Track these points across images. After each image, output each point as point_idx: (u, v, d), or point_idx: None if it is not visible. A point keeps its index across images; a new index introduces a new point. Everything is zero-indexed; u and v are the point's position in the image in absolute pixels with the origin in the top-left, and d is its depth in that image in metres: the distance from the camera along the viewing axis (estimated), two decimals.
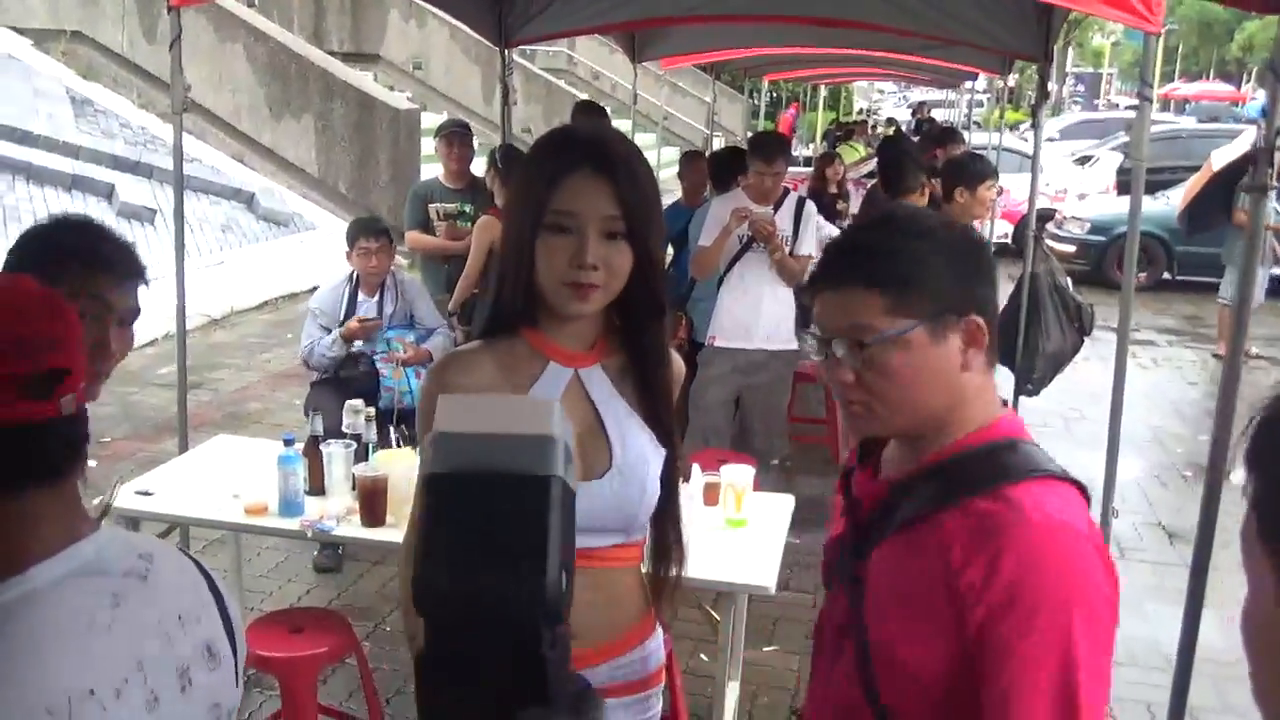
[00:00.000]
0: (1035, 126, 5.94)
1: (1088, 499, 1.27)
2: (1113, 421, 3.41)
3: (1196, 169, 10.48)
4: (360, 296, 4.49)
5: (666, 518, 1.70)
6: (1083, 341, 6.22)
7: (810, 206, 4.74)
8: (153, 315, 1.41)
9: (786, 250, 4.54)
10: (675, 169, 6.61)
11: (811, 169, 8.57)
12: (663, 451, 1.65)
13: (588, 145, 1.52)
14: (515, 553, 0.62)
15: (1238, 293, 2.43)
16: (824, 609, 1.50)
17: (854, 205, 8.90)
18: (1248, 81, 45.14)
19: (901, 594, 1.27)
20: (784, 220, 4.60)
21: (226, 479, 3.37)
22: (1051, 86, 5.81)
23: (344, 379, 4.40)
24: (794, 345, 4.79)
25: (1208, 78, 43.12)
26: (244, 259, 9.97)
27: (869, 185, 10.74)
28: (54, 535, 1.07)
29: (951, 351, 1.28)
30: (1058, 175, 13.98)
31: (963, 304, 1.28)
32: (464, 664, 0.63)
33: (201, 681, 1.15)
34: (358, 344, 4.43)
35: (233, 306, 9.07)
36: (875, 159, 13.61)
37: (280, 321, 8.82)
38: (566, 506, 0.64)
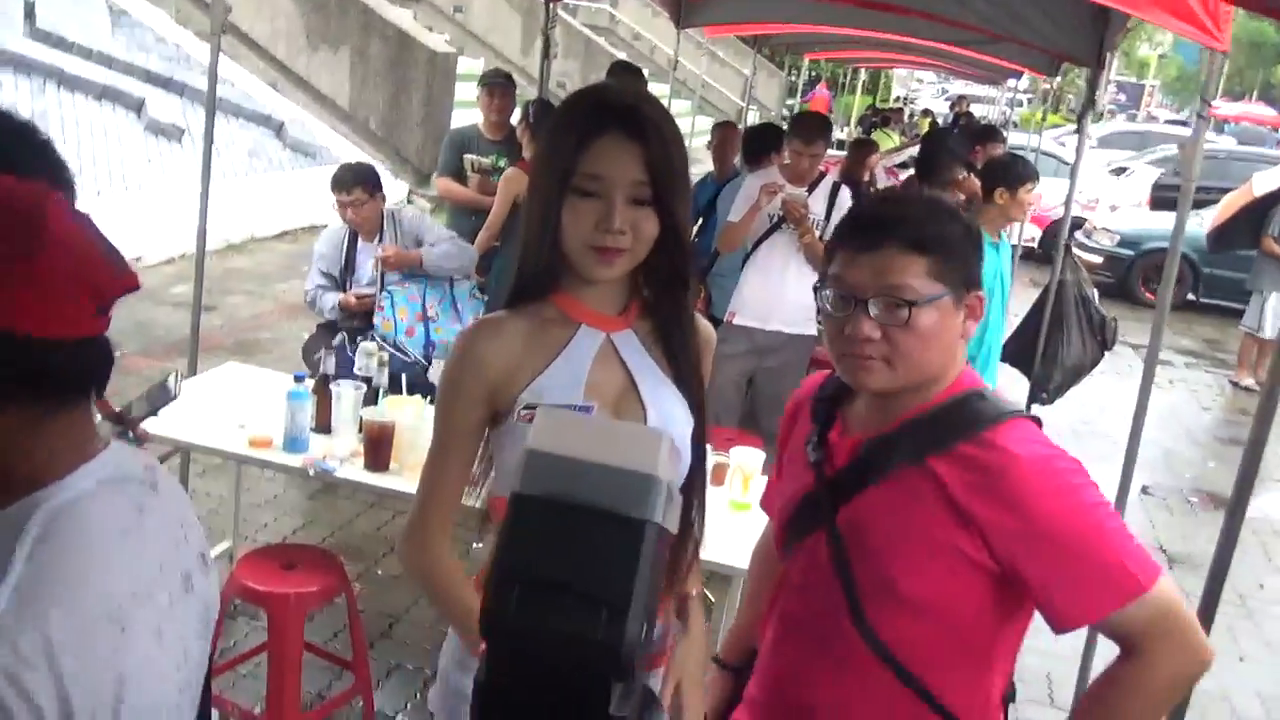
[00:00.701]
0: (1079, 133, 5.84)
1: (1040, 426, 1.50)
2: (1131, 441, 3.37)
3: (1230, 190, 10.37)
4: (360, 243, 4.36)
5: (693, 488, 1.64)
6: (1103, 355, 6.17)
7: (845, 193, 4.67)
8: (172, 233, 1.31)
9: (817, 234, 4.47)
10: (708, 138, 6.53)
11: (847, 153, 8.43)
12: (692, 419, 1.61)
13: (619, 107, 1.47)
14: (597, 598, 0.56)
15: None
16: (792, 563, 1.62)
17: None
18: None
19: (902, 534, 1.45)
20: (817, 204, 4.52)
21: (233, 407, 3.34)
22: (1098, 93, 5.71)
23: (343, 328, 4.32)
24: (813, 330, 4.74)
25: (1250, 99, 42.50)
26: (268, 186, 9.92)
27: (900, 175, 10.65)
28: (84, 444, 1.11)
29: (960, 320, 1.49)
30: (1091, 184, 13.81)
31: (974, 280, 1.50)
32: (524, 704, 0.58)
33: (199, 586, 1.20)
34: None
35: (253, 234, 9.05)
36: (909, 148, 13.51)
37: (299, 253, 8.78)
38: (659, 553, 0.58)
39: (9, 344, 1.01)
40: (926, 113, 22.01)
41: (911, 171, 9.36)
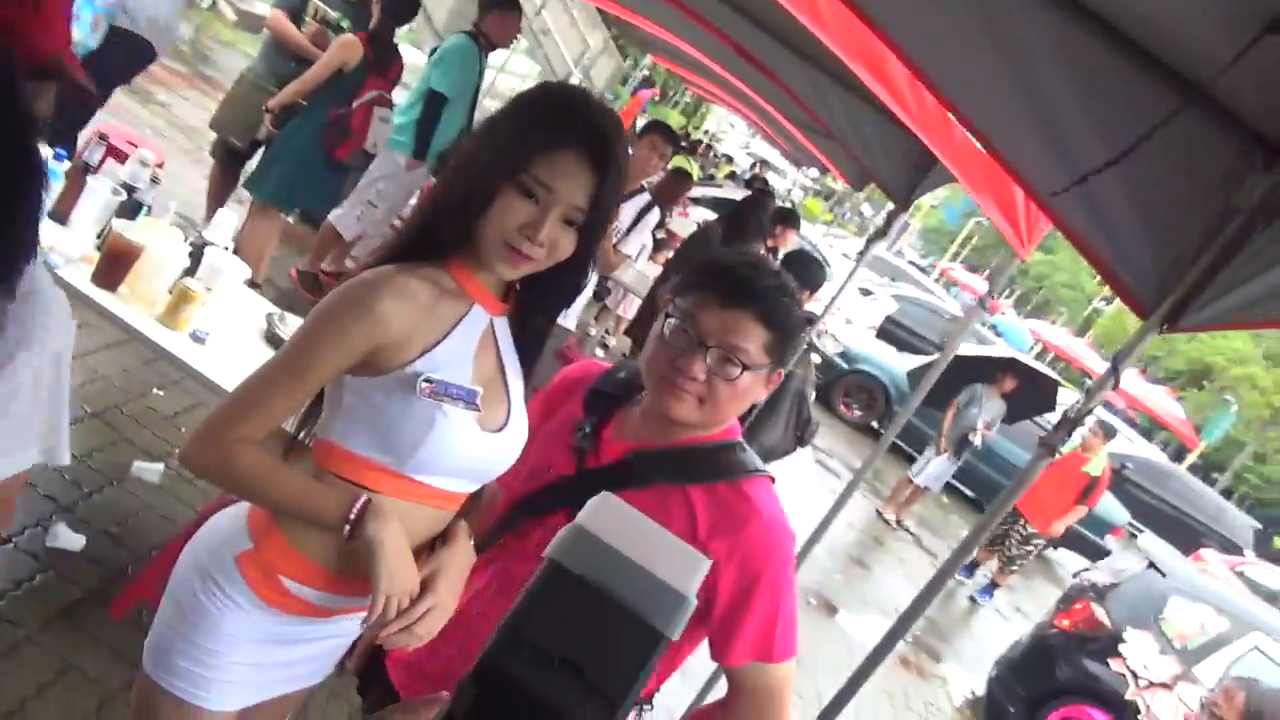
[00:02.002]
0: (862, 253, 6.28)
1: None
2: (811, 539, 3.66)
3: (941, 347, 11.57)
4: None
5: None
6: (794, 450, 6.63)
7: (654, 215, 4.77)
8: None
9: (613, 242, 4.54)
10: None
11: (664, 178, 8.63)
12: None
13: (593, 131, 1.47)
14: (593, 687, 0.59)
15: (984, 520, 2.57)
16: (528, 533, 1.72)
17: (673, 220, 9.04)
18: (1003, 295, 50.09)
19: None
20: (626, 213, 4.60)
21: None
22: (877, 220, 6.18)
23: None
24: (570, 325, 4.80)
25: (984, 274, 47.21)
26: None
27: (689, 209, 10.97)
28: None
29: (763, 388, 1.67)
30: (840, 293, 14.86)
31: (786, 361, 1.69)
32: None
33: None
34: None
35: None
36: (703, 186, 13.96)
37: None
38: (656, 664, 0.62)
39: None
40: (730, 159, 22.82)
41: (708, 214, 9.68)
